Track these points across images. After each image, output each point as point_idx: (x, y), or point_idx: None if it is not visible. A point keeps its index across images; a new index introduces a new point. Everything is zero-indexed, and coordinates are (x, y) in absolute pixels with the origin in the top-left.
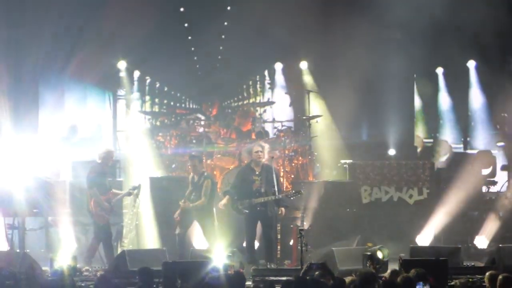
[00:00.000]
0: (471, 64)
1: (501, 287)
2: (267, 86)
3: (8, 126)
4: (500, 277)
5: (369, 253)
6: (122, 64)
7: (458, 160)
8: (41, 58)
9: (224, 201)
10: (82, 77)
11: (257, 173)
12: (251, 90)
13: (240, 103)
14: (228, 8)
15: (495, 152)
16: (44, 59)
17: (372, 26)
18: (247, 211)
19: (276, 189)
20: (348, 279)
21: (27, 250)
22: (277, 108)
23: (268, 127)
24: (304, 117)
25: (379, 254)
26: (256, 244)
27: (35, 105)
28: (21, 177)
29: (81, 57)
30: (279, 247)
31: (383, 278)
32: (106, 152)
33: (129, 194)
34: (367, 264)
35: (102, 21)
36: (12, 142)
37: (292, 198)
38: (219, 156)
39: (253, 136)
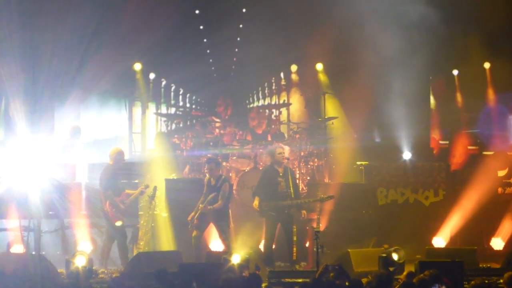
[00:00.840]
0: (487, 65)
1: None
2: (283, 87)
3: (24, 127)
4: None
5: (384, 255)
6: (137, 66)
7: (474, 162)
8: (57, 59)
9: (256, 202)
10: (98, 79)
11: (281, 174)
12: (266, 91)
13: (255, 104)
14: (244, 10)
15: (510, 153)
16: (59, 60)
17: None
18: (273, 213)
19: (292, 190)
20: (364, 280)
21: (43, 253)
22: (293, 110)
23: (284, 128)
24: (320, 119)
25: (395, 256)
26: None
27: (51, 106)
28: (37, 179)
29: (97, 58)
30: (295, 249)
31: (399, 280)
32: (117, 153)
33: (141, 193)
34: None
35: (117, 23)
36: (28, 144)
37: (323, 202)
38: (234, 158)
39: (269, 138)
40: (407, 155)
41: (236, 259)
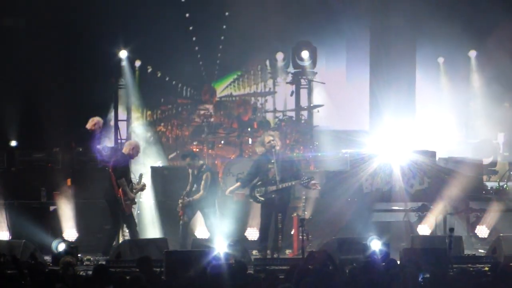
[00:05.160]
0: (472, 53)
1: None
2: (268, 75)
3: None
4: None
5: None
6: (123, 54)
7: (459, 149)
8: None
9: (232, 187)
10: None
11: (272, 161)
12: (252, 79)
13: (240, 92)
14: None
15: (496, 141)
16: None
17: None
18: (263, 199)
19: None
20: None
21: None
22: (278, 98)
23: (269, 116)
24: (305, 107)
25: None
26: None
27: None
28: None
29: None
30: (280, 236)
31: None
32: (134, 146)
33: (142, 189)
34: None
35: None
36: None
37: (306, 185)
38: (220, 145)
39: (255, 126)
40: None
41: (221, 246)
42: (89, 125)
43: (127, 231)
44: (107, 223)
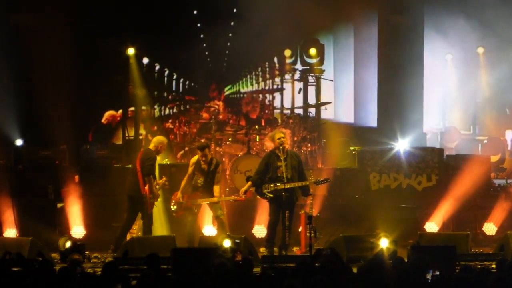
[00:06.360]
0: (481, 50)
1: None
2: (276, 72)
3: None
4: None
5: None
6: (131, 51)
7: (467, 147)
8: None
9: (244, 187)
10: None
11: (281, 158)
12: (260, 77)
13: (248, 89)
14: None
15: (504, 138)
16: None
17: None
18: (271, 196)
19: (285, 175)
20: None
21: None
22: (286, 95)
23: (277, 114)
24: (313, 104)
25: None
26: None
27: None
28: None
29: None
30: (287, 233)
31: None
32: (161, 143)
33: (164, 185)
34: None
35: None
36: None
37: (318, 185)
38: (228, 143)
39: (263, 123)
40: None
41: (228, 243)
42: (104, 119)
43: (134, 228)
44: (114, 220)
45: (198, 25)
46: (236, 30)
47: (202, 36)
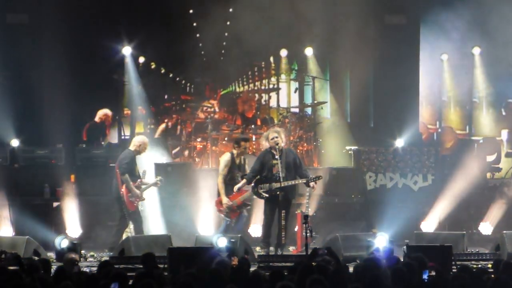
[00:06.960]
0: (476, 50)
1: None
2: (272, 72)
3: None
4: None
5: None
6: (127, 50)
7: (463, 147)
8: None
9: (239, 185)
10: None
11: (276, 157)
12: (256, 76)
13: (244, 88)
14: None
15: (499, 138)
16: None
17: (379, 13)
18: (267, 195)
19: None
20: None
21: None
22: (282, 95)
23: (273, 113)
24: (309, 104)
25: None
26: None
27: None
28: None
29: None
30: (283, 233)
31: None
32: (142, 143)
33: (155, 184)
34: None
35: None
36: None
37: (311, 183)
38: (224, 142)
39: (259, 122)
40: (399, 142)
41: (224, 243)
42: (97, 118)
43: (131, 227)
44: (110, 219)
45: (194, 24)
46: (232, 29)
47: (198, 35)
